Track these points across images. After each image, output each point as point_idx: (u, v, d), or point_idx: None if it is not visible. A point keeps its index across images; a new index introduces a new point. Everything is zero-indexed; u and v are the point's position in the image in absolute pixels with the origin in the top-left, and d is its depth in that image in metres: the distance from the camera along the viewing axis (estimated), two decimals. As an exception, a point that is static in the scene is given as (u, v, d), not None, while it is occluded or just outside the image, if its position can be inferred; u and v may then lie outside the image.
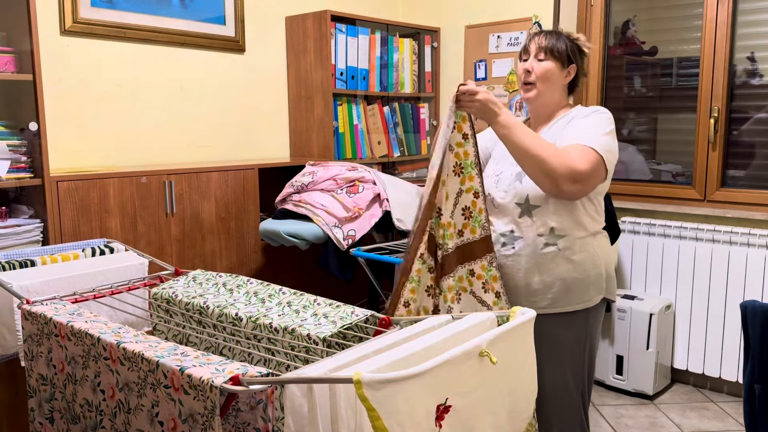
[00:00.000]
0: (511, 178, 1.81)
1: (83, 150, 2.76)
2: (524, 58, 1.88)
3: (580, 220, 1.79)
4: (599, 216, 1.85)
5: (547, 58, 1.82)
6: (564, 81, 1.85)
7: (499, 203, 1.83)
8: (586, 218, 1.80)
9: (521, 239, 1.79)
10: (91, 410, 1.43)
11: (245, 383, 1.10)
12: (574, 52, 1.84)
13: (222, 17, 3.17)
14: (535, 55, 1.84)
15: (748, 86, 3.12)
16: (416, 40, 3.84)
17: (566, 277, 1.78)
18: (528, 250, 1.79)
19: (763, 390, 1.84)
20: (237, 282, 1.83)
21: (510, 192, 1.80)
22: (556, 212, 1.76)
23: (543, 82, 1.83)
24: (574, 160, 1.65)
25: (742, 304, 1.90)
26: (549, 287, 1.79)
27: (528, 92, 1.86)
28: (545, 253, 1.78)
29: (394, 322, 1.51)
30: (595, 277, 1.82)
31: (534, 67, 1.83)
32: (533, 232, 1.78)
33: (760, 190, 3.10)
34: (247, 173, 2.93)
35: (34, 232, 2.23)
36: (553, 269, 1.78)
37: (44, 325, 1.55)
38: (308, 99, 3.40)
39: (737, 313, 3.03)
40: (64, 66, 2.67)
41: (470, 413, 1.15)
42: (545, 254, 1.78)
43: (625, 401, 3.12)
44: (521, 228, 1.79)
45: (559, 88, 1.85)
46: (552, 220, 1.77)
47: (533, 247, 1.78)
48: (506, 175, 1.83)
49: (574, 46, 1.84)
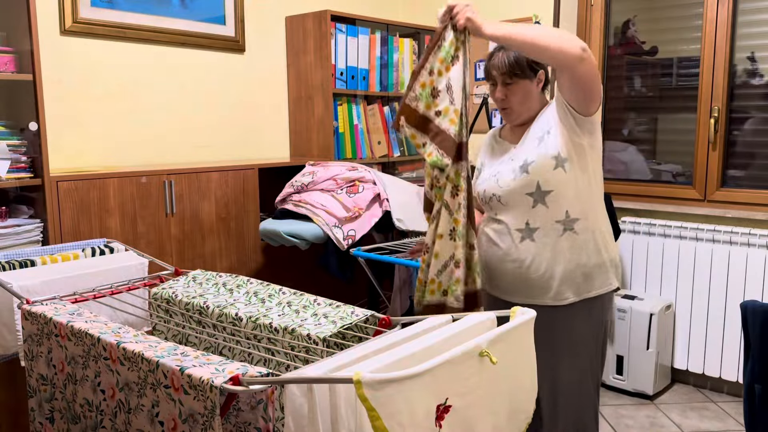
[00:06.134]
0: (515, 172, 1.80)
1: (83, 150, 2.76)
2: (491, 82, 1.88)
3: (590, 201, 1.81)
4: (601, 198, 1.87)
5: (514, 80, 1.81)
6: (537, 89, 1.86)
7: (507, 199, 1.82)
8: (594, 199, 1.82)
9: (539, 229, 1.79)
10: (91, 410, 1.43)
11: (245, 383, 1.10)
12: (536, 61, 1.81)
13: (222, 17, 3.17)
14: (502, 83, 1.83)
15: (748, 86, 3.12)
16: (416, 40, 3.84)
17: (586, 263, 1.80)
18: (548, 240, 1.79)
19: (763, 390, 1.84)
20: (237, 282, 1.83)
21: (516, 184, 1.79)
22: (566, 195, 1.77)
23: (520, 104, 1.84)
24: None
25: (742, 304, 1.90)
26: (572, 274, 1.79)
27: (509, 117, 1.88)
28: (565, 240, 1.79)
29: (394, 322, 1.52)
30: (610, 261, 1.85)
31: (506, 95, 1.84)
32: (551, 219, 1.78)
33: (760, 190, 3.10)
34: (247, 173, 2.93)
35: (34, 232, 2.23)
36: (574, 255, 1.79)
37: (44, 325, 1.55)
38: (308, 99, 3.40)
39: (737, 313, 3.03)
40: (64, 66, 2.67)
41: (470, 413, 1.15)
42: (565, 240, 1.79)
43: (625, 401, 3.12)
44: (536, 217, 1.79)
45: (536, 98, 1.86)
46: (567, 205, 1.78)
47: (553, 234, 1.79)
48: (506, 172, 1.83)
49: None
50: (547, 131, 1.79)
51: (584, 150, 1.78)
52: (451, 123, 1.66)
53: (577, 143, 1.76)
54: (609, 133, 3.58)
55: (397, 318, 1.55)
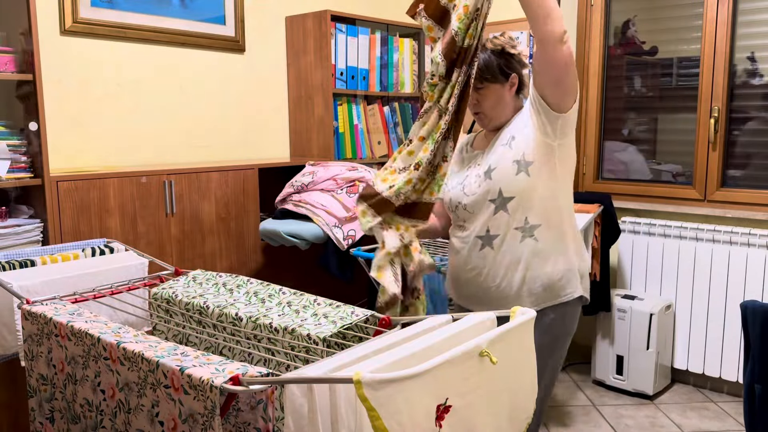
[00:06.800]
0: (479, 179, 1.77)
1: (83, 150, 2.76)
2: None
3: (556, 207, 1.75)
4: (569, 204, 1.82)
5: (485, 84, 1.77)
6: (510, 93, 1.81)
7: (473, 207, 1.79)
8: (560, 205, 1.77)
9: (498, 237, 1.75)
10: (91, 410, 1.43)
11: (245, 383, 1.10)
12: (508, 65, 1.78)
13: (222, 17, 3.17)
14: (473, 88, 1.77)
15: (748, 86, 3.12)
16: (416, 40, 3.84)
17: (548, 271, 1.75)
18: (505, 247, 1.75)
19: (763, 390, 1.84)
20: (237, 282, 1.83)
21: (481, 191, 1.76)
22: (529, 201, 1.73)
23: (492, 109, 1.80)
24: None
25: (742, 304, 1.90)
26: (532, 284, 1.75)
27: (481, 122, 1.84)
28: (524, 247, 1.74)
29: (394, 322, 1.52)
30: (573, 270, 1.79)
31: (478, 100, 1.80)
32: (510, 226, 1.74)
33: (760, 190, 3.10)
34: (247, 173, 2.93)
35: (34, 232, 2.23)
36: (534, 264, 1.75)
37: (44, 325, 1.55)
38: (308, 99, 3.40)
39: (737, 313, 3.03)
40: (64, 66, 2.67)
41: (470, 413, 1.15)
42: (524, 247, 1.74)
43: (625, 401, 3.12)
44: (497, 224, 1.75)
45: (509, 102, 1.81)
46: (528, 211, 1.73)
47: (512, 241, 1.74)
48: (472, 178, 1.80)
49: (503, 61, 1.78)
50: (513, 136, 1.75)
51: (553, 152, 1.72)
52: (457, 19, 1.56)
53: (547, 144, 1.70)
54: (609, 133, 3.58)
55: (397, 318, 1.55)
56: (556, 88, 1.66)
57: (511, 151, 1.73)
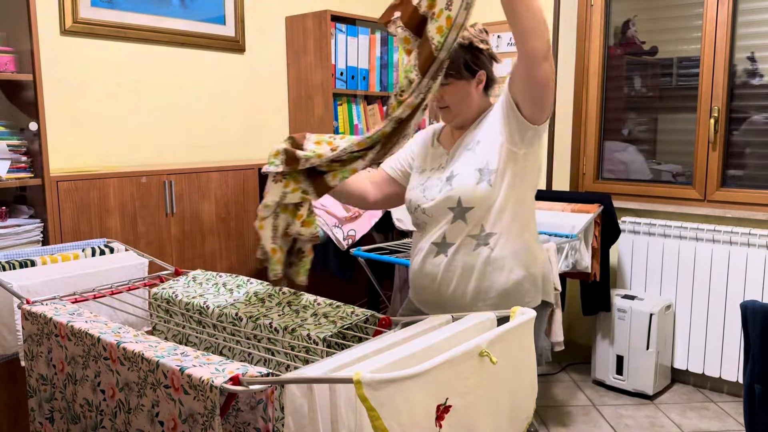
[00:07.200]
0: (441, 184, 1.73)
1: (83, 150, 2.76)
2: None
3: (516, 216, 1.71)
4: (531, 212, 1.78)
5: (449, 80, 1.70)
6: (477, 90, 1.75)
7: (432, 212, 1.74)
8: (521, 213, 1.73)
9: (453, 245, 1.71)
10: (91, 410, 1.43)
11: (245, 383, 1.10)
12: (475, 61, 1.72)
13: (222, 17, 3.17)
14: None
15: (748, 86, 3.12)
16: (416, 40, 3.84)
17: (503, 280, 1.70)
18: (460, 254, 1.70)
19: (763, 390, 1.84)
20: (237, 282, 1.83)
21: (441, 197, 1.72)
22: (489, 211, 1.68)
23: (457, 105, 1.74)
24: None
25: (742, 304, 1.90)
26: (486, 292, 1.71)
27: (446, 117, 1.79)
28: (478, 255, 1.69)
29: (395, 322, 1.52)
30: (532, 277, 1.74)
31: (443, 95, 1.74)
32: (465, 234, 1.70)
33: (760, 190, 3.10)
34: (247, 173, 2.93)
35: (34, 232, 2.23)
36: (487, 272, 1.70)
37: (44, 325, 1.55)
38: (308, 99, 3.40)
39: (737, 313, 3.03)
40: (64, 66, 2.67)
41: (470, 413, 1.15)
42: (478, 256, 1.69)
43: (625, 401, 3.12)
44: (453, 232, 1.71)
45: (475, 100, 1.76)
46: (485, 220, 1.69)
47: (465, 250, 1.70)
48: (433, 181, 1.76)
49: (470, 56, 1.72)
50: (479, 140, 1.71)
51: (517, 160, 1.67)
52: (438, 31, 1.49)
53: (512, 152, 1.66)
54: (609, 133, 3.58)
55: (397, 318, 1.55)
56: (533, 104, 1.62)
57: (475, 156, 1.69)
